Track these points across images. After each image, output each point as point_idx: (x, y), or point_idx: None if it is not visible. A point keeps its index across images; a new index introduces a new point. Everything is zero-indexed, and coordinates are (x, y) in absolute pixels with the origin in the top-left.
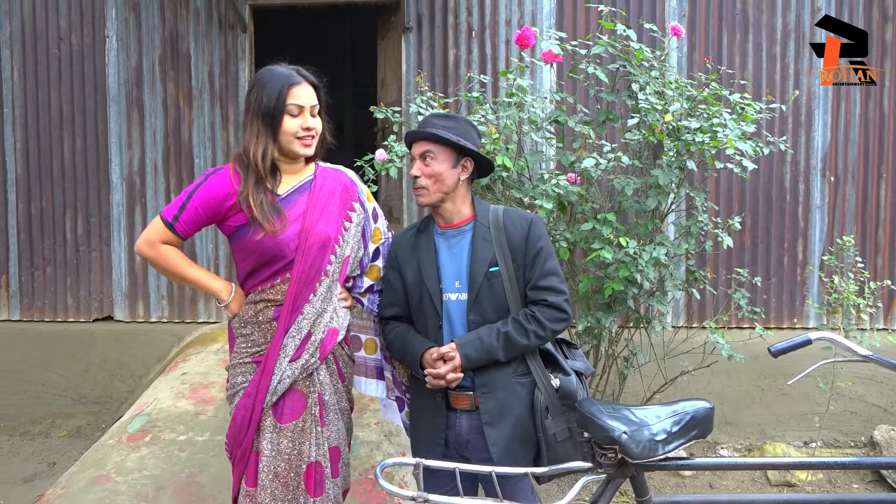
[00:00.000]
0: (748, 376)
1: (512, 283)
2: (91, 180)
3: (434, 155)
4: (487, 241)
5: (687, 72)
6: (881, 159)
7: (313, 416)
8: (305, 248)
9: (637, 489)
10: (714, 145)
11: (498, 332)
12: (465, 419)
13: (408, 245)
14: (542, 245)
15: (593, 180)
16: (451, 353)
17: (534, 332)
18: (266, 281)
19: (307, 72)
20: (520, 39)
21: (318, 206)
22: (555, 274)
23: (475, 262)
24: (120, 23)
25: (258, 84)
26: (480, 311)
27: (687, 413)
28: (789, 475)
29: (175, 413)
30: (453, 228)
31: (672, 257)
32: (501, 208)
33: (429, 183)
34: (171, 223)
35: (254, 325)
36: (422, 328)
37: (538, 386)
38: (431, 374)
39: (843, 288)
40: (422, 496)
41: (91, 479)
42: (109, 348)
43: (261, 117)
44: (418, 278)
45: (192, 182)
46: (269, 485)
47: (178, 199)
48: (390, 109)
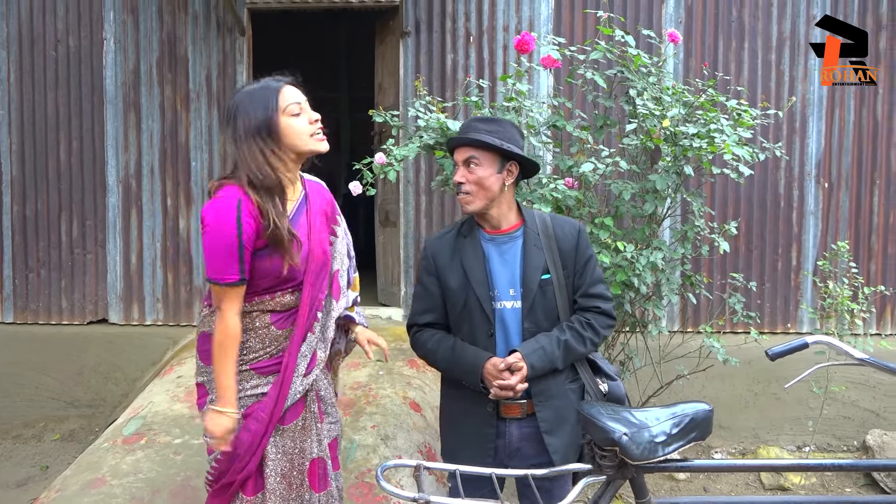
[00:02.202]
0: (742, 381)
1: (562, 291)
2: (87, 183)
3: (478, 161)
4: (539, 248)
5: (683, 78)
6: (874, 166)
7: (313, 414)
8: (314, 270)
9: (637, 491)
10: (711, 151)
11: (558, 340)
12: (514, 427)
13: (447, 249)
14: (591, 253)
15: (591, 185)
16: (520, 364)
17: (590, 339)
18: (265, 294)
19: (281, 75)
20: (519, 44)
21: (316, 226)
22: (602, 282)
23: (529, 269)
24: (118, 25)
25: (239, 110)
26: (534, 320)
27: (686, 415)
28: (783, 479)
29: (170, 416)
30: (504, 234)
31: (669, 262)
32: (548, 214)
33: (474, 189)
34: (241, 280)
35: (248, 332)
36: (466, 336)
37: (587, 391)
38: (501, 386)
39: (838, 293)
40: (422, 497)
41: (86, 483)
42: (104, 351)
43: (255, 132)
44: (464, 284)
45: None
46: (276, 487)
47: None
48: (389, 113)
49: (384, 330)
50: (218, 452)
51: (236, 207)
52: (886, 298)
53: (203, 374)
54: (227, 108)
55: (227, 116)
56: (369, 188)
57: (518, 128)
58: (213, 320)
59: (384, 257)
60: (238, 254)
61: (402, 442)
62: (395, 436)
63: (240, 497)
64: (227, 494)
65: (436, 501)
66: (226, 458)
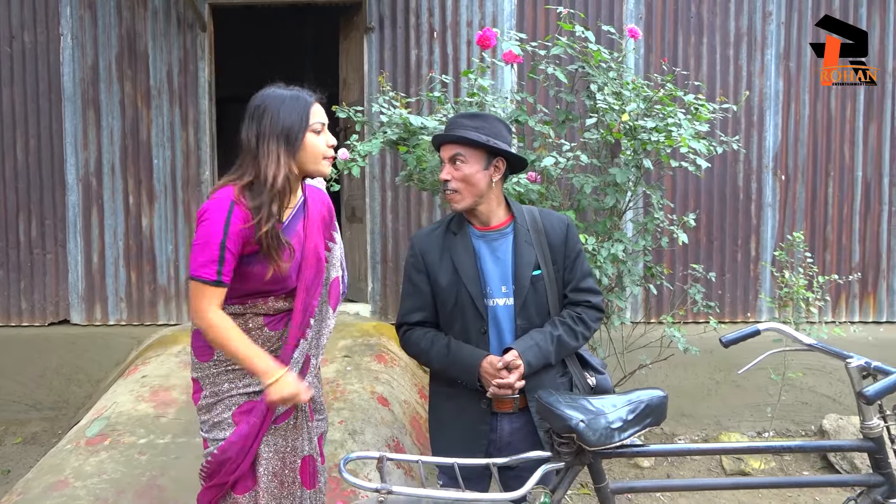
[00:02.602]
0: (704, 369)
1: (552, 286)
2: (45, 181)
3: (464, 158)
4: (529, 244)
5: (644, 73)
6: (829, 159)
7: (304, 413)
8: (307, 276)
9: (594, 476)
10: (669, 144)
11: (552, 336)
12: (506, 422)
13: (436, 246)
14: (580, 247)
15: (553, 179)
16: (517, 362)
17: (581, 333)
18: (258, 298)
19: (308, 90)
20: (481, 40)
21: (312, 232)
22: (591, 275)
23: (520, 266)
24: (75, 20)
25: (266, 109)
26: (527, 316)
27: (642, 402)
28: (743, 464)
29: (135, 416)
30: (494, 231)
31: (630, 254)
32: (535, 209)
33: (461, 187)
34: (218, 280)
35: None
36: (458, 334)
37: (575, 385)
38: (500, 385)
39: (793, 282)
40: (385, 488)
41: (48, 485)
42: (66, 352)
43: (280, 140)
44: (455, 281)
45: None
46: (268, 485)
47: (208, 251)
48: (352, 109)
49: (352, 326)
50: (214, 448)
51: (227, 210)
52: (841, 287)
53: (197, 370)
54: (253, 105)
55: (252, 114)
56: (333, 184)
57: (505, 123)
58: None
59: (351, 253)
60: (219, 255)
61: (369, 437)
62: (363, 430)
63: (230, 495)
64: (219, 491)
65: (398, 491)
66: (217, 461)
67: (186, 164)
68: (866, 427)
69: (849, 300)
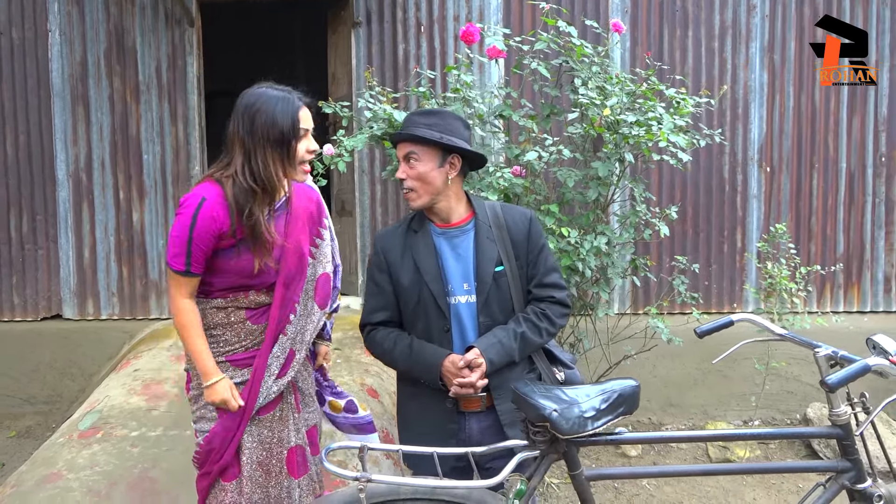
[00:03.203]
0: (692, 360)
1: (515, 282)
2: (36, 177)
3: (418, 156)
4: (491, 240)
5: (630, 67)
6: (813, 150)
7: (290, 405)
8: (286, 271)
9: (569, 463)
10: (649, 138)
11: (515, 333)
12: (474, 421)
13: (398, 245)
14: (543, 242)
15: (538, 173)
16: (479, 360)
17: (546, 329)
18: (239, 292)
19: (299, 93)
20: (464, 35)
21: (296, 227)
22: (556, 270)
23: (482, 262)
24: (63, 17)
25: (259, 109)
26: (490, 313)
27: (615, 391)
28: (729, 453)
29: (127, 409)
30: (455, 228)
31: (614, 246)
32: (498, 204)
33: (416, 185)
34: (187, 271)
35: (224, 326)
36: (421, 333)
37: (544, 380)
38: (461, 384)
39: (776, 273)
40: (364, 476)
41: (41, 478)
42: (59, 347)
43: (273, 142)
44: (417, 280)
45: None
46: (252, 474)
47: (178, 244)
48: (338, 104)
49: (342, 319)
50: (201, 439)
51: (197, 205)
52: (826, 277)
53: (188, 362)
54: (245, 102)
55: (244, 111)
56: (319, 179)
57: (462, 119)
58: None
59: (341, 247)
60: (187, 248)
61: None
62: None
63: (219, 483)
64: (209, 479)
65: (377, 479)
66: (204, 451)
67: (176, 159)
68: (834, 414)
69: (833, 290)
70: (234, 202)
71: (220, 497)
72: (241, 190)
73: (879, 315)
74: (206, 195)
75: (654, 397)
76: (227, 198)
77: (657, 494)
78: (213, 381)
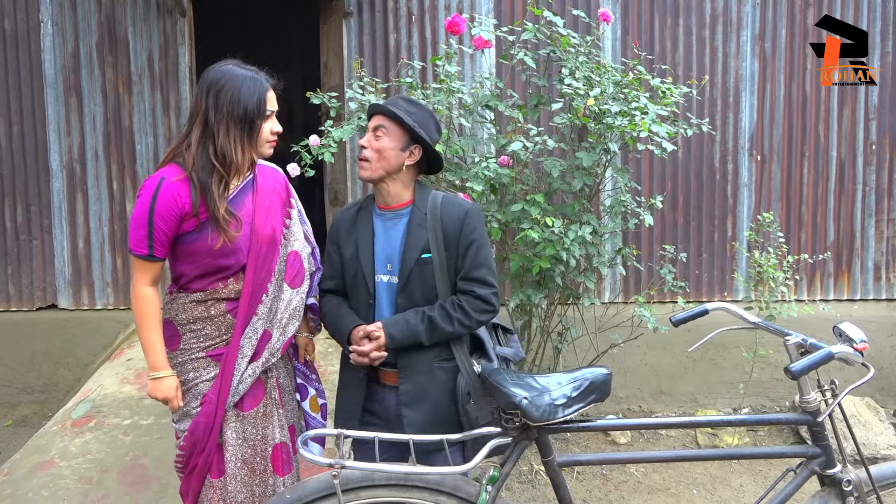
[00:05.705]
0: (682, 348)
1: (442, 271)
2: (30, 168)
3: (386, 131)
4: (423, 227)
5: (622, 56)
6: (804, 139)
7: (273, 401)
8: (257, 249)
9: (541, 450)
10: (632, 128)
11: (424, 315)
12: (392, 395)
13: (349, 221)
14: (475, 237)
15: (525, 163)
16: (377, 333)
17: (458, 320)
18: (218, 282)
19: (266, 73)
20: (450, 26)
21: (263, 206)
22: (485, 266)
23: (408, 247)
24: (55, 7)
25: (224, 87)
26: (409, 296)
27: (586, 379)
28: (718, 440)
29: (120, 398)
30: (391, 211)
31: (600, 236)
32: (441, 195)
33: (373, 157)
34: (150, 255)
35: (204, 320)
36: (355, 305)
37: (461, 371)
38: (356, 352)
39: (764, 262)
40: (339, 462)
41: (34, 465)
42: (54, 337)
43: (238, 121)
44: (354, 255)
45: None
46: (237, 472)
47: (139, 228)
48: (327, 94)
49: None
50: (181, 440)
51: (155, 187)
52: (816, 265)
53: (170, 358)
54: (211, 78)
55: (209, 87)
56: (308, 170)
57: (437, 121)
58: (174, 307)
59: None
60: (147, 231)
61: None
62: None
63: (208, 480)
64: (195, 478)
65: (351, 466)
66: (188, 444)
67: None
68: (804, 401)
69: (824, 279)
70: (196, 179)
71: (208, 494)
72: (202, 167)
73: (869, 303)
74: (164, 175)
75: (644, 385)
76: (189, 176)
77: (644, 481)
78: (161, 375)
